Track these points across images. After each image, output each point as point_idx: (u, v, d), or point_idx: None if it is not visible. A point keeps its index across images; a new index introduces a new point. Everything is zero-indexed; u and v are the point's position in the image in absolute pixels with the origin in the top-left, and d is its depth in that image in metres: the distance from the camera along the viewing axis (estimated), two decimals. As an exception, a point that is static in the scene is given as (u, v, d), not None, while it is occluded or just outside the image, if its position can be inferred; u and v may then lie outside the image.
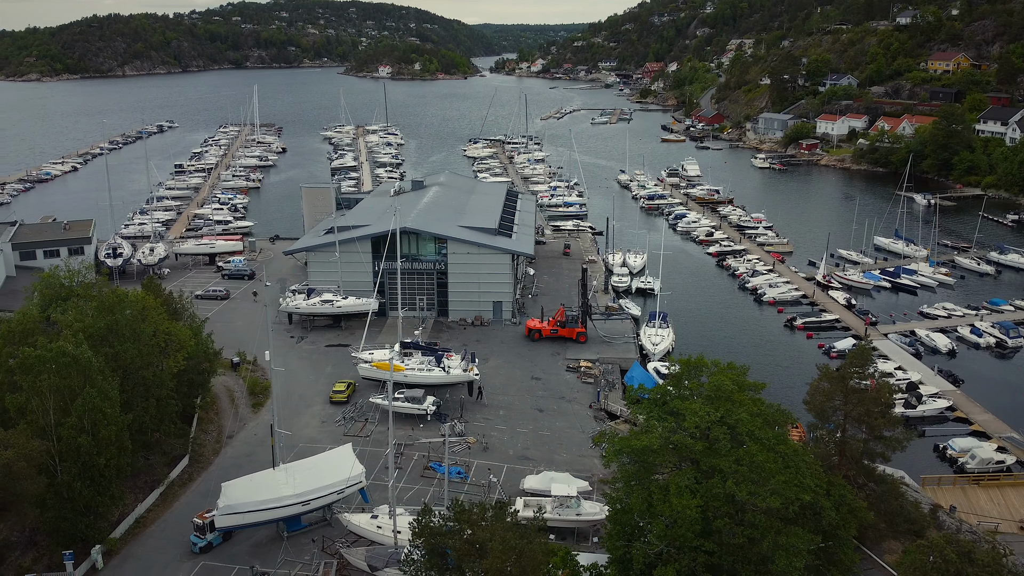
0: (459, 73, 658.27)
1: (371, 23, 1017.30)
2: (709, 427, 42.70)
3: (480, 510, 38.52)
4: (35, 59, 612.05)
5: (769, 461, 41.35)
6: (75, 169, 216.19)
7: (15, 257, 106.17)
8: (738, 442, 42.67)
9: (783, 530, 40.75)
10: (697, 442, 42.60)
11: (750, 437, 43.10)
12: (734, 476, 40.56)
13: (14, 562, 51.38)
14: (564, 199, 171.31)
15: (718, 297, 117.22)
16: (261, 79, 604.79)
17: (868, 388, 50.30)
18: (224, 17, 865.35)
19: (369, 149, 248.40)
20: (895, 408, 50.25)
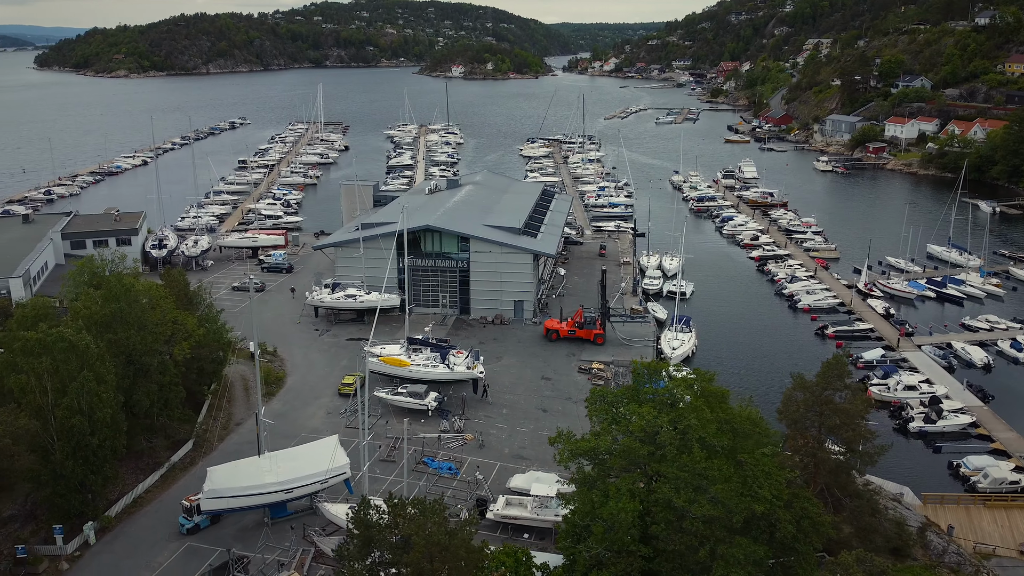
0: (531, 72, 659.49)
1: (448, 23, 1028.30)
2: (657, 431, 42.31)
3: (414, 505, 39.16)
4: (123, 56, 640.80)
5: (713, 468, 40.75)
6: (145, 163, 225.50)
7: (65, 246, 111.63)
8: (688, 448, 42.16)
9: (726, 540, 40.11)
10: (643, 446, 42.29)
11: (700, 443, 42.56)
12: (675, 482, 40.14)
13: (13, 534, 54.45)
14: (610, 199, 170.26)
15: (752, 302, 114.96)
16: (337, 78, 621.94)
17: (844, 399, 48.86)
18: (306, 17, 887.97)
19: (428, 148, 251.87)
20: (869, 420, 48.57)
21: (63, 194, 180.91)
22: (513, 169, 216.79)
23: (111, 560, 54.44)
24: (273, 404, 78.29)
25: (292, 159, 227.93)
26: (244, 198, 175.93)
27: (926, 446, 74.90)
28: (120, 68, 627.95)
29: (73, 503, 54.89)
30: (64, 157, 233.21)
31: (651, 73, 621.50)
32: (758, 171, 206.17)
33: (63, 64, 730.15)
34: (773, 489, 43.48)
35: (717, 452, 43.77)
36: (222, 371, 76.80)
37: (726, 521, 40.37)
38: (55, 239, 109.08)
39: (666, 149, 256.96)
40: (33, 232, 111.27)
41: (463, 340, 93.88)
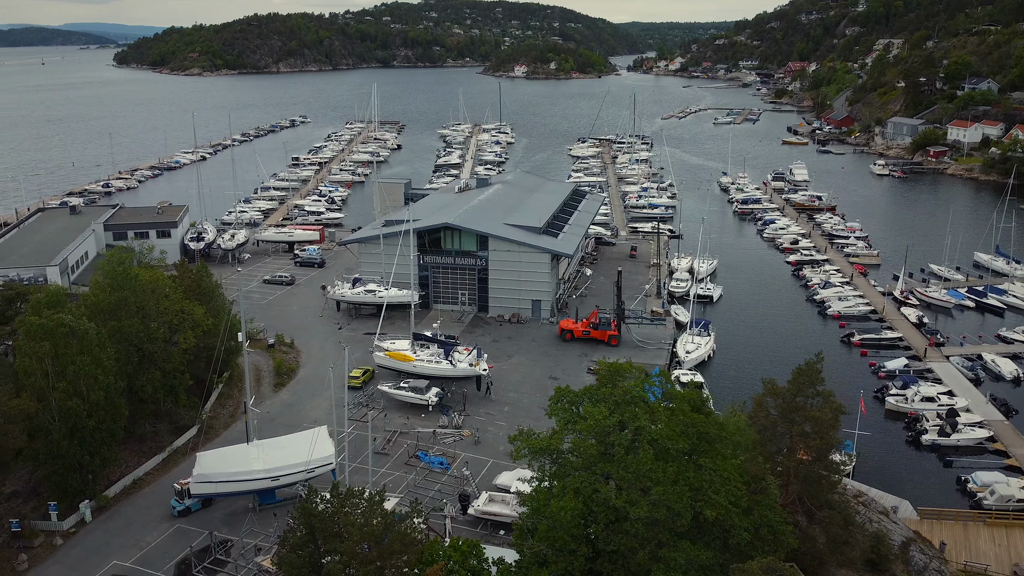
0: (594, 72, 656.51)
1: (516, 23, 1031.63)
2: (608, 431, 42.21)
3: (356, 496, 40.00)
4: (198, 55, 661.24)
5: (658, 470, 40.45)
6: (204, 159, 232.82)
7: (108, 237, 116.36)
8: (636, 449, 41.92)
9: (669, 543, 39.80)
10: (592, 446, 42.23)
11: (652, 444, 42.28)
12: (617, 482, 40.01)
13: (14, 509, 57.33)
14: (650, 200, 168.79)
15: (782, 307, 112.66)
16: (402, 78, 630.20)
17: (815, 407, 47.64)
18: (375, 17, 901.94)
19: (478, 147, 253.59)
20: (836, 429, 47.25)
21: (121, 187, 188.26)
22: (559, 169, 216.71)
23: (103, 538, 56.85)
24: (282, 394, 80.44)
25: (344, 157, 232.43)
26: (292, 194, 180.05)
27: (937, 460, 72.43)
28: (194, 66, 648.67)
29: (71, 482, 57.52)
30: (128, 151, 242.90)
31: (717, 73, 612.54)
32: (810, 174, 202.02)
33: (141, 62, 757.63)
34: (731, 495, 42.90)
35: (672, 455, 43.38)
36: (233, 361, 79.04)
37: (670, 524, 40.03)
38: (97, 230, 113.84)
39: (721, 150, 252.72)
40: (78, 223, 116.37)
41: (478, 338, 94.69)
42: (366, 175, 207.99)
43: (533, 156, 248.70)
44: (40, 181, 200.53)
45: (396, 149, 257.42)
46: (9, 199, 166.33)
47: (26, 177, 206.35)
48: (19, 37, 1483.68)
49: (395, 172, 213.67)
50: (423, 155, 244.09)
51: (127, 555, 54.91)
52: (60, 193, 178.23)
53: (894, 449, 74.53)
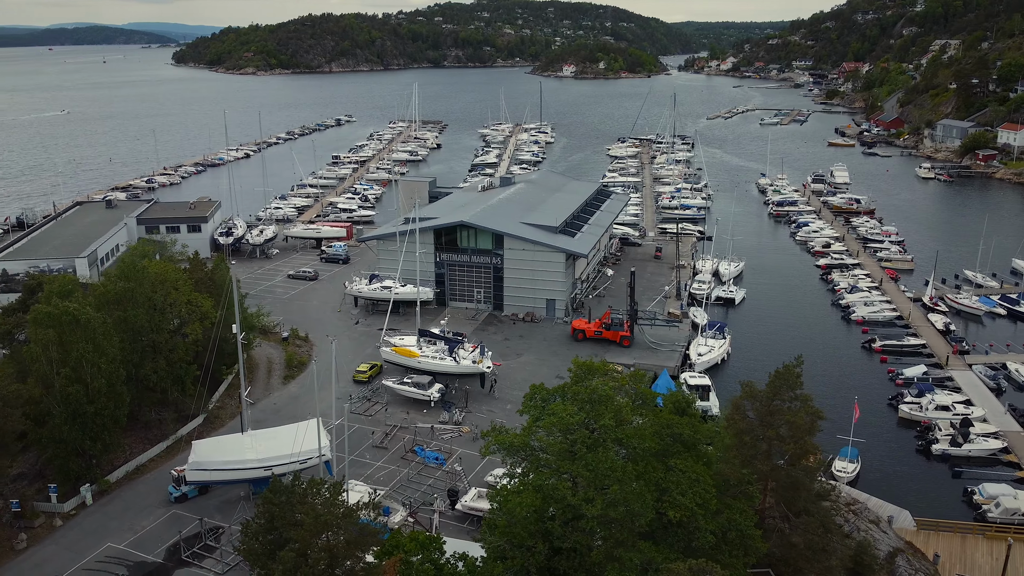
0: (644, 72, 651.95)
1: (567, 22, 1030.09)
2: (573, 429, 42.17)
3: (319, 485, 40.69)
4: (253, 54, 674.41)
5: (619, 469, 40.30)
6: (247, 156, 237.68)
7: (140, 231, 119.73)
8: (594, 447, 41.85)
9: (627, 542, 39.63)
10: (556, 443, 42.25)
11: (617, 443, 42.18)
12: (576, 480, 39.99)
13: (20, 490, 59.52)
14: (682, 201, 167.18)
15: (805, 311, 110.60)
16: (451, 78, 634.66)
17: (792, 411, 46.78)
18: (427, 17, 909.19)
19: (516, 147, 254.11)
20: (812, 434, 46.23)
21: (163, 183, 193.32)
22: (595, 169, 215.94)
23: (101, 520, 58.69)
24: (290, 387, 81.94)
25: (384, 156, 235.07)
26: (328, 192, 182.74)
27: (946, 470, 70.47)
28: (248, 65, 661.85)
29: (72, 466, 59.52)
30: (175, 148, 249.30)
31: (769, 73, 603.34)
32: (852, 176, 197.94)
33: (198, 61, 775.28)
34: (698, 497, 42.56)
35: (639, 455, 43.24)
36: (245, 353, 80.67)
37: (628, 523, 39.87)
38: (129, 224, 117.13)
39: (763, 152, 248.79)
40: (112, 217, 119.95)
41: (491, 336, 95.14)
42: (403, 174, 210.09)
43: (571, 156, 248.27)
44: (88, 176, 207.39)
45: (435, 148, 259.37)
46: (60, 192, 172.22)
47: (74, 172, 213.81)
48: (84, 36, 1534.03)
49: (431, 171, 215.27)
50: (461, 154, 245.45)
51: (122, 538, 56.60)
52: (104, 188, 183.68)
53: (903, 458, 72.74)
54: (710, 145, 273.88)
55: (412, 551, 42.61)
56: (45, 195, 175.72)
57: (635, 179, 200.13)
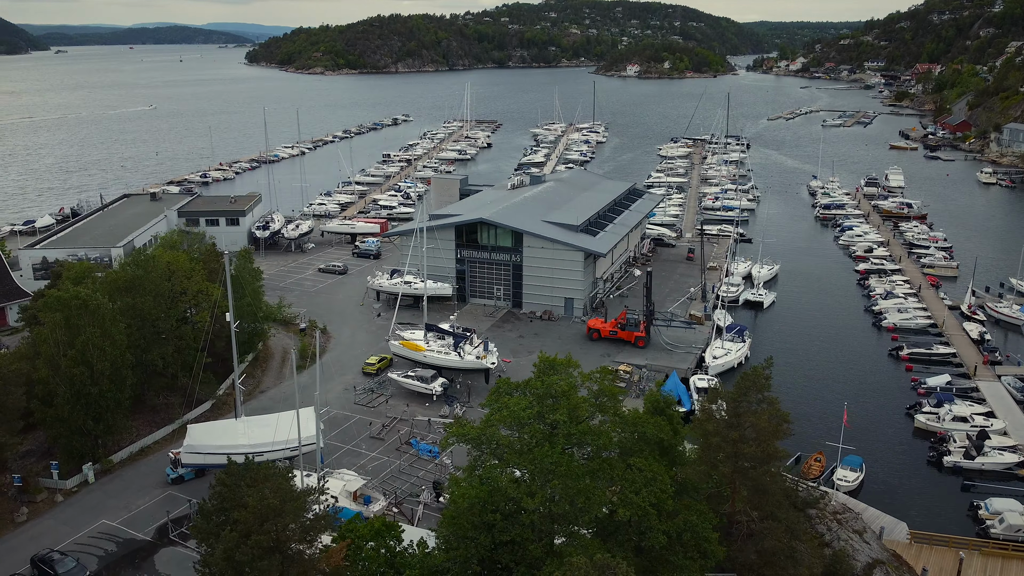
0: (709, 71, 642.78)
1: (635, 22, 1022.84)
2: (524, 423, 42.25)
3: (272, 470, 41.68)
4: (321, 54, 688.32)
5: (563, 464, 40.15)
6: (303, 153, 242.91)
7: (181, 223, 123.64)
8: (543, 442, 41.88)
9: (568, 534, 39.59)
10: (505, 437, 42.36)
11: (566, 439, 42.08)
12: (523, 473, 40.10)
13: (28, 466, 62.44)
14: (725, 203, 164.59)
15: (837, 317, 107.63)
16: (514, 78, 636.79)
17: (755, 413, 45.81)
18: (493, 18, 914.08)
19: (566, 146, 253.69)
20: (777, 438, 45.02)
21: (218, 178, 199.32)
22: (643, 169, 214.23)
23: (100, 498, 61.06)
24: (301, 377, 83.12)
25: (433, 154, 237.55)
26: (373, 189, 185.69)
27: (956, 483, 67.87)
28: (317, 65, 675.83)
29: (76, 445, 62.08)
30: (235, 144, 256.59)
31: (840, 74, 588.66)
32: (908, 180, 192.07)
33: (270, 60, 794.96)
34: (652, 496, 42.13)
35: (593, 452, 43.08)
36: (258, 343, 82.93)
37: (572, 519, 39.77)
38: (170, 215, 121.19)
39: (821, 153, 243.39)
40: (155, 209, 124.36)
41: (506, 333, 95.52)
42: (449, 172, 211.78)
43: (620, 156, 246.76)
44: (147, 170, 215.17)
45: (486, 147, 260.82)
46: (117, 185, 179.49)
47: (135, 166, 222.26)
48: (164, 35, 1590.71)
49: (479, 170, 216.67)
50: (511, 153, 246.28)
51: (116, 516, 58.82)
52: (161, 182, 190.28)
53: (912, 469, 70.36)
54: (767, 146, 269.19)
55: (367, 537, 43.35)
56: (105, 187, 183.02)
57: (682, 179, 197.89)
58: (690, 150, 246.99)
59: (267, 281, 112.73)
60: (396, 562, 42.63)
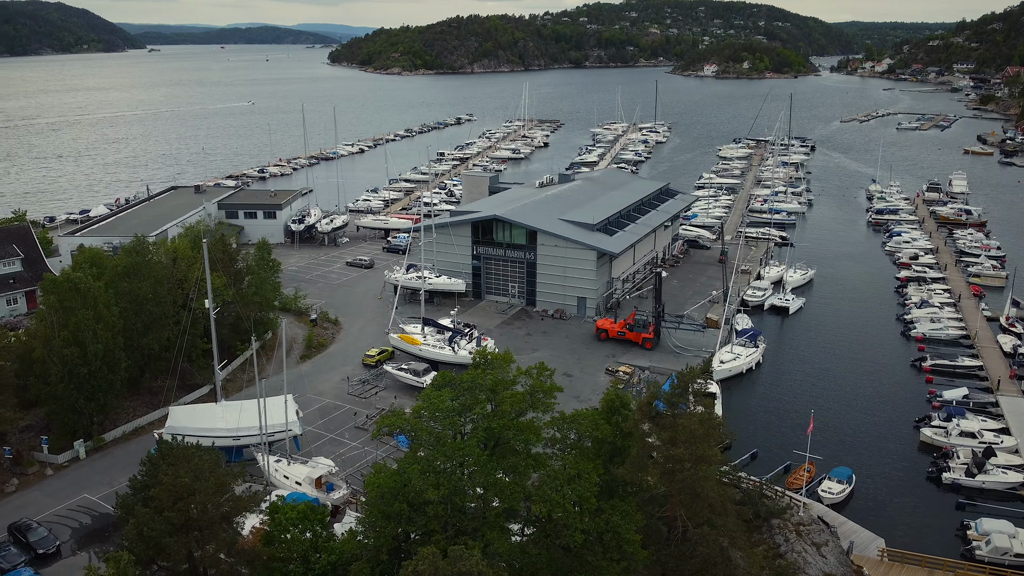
0: (790, 72, 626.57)
1: (718, 21, 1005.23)
2: (444, 415, 42.35)
3: (195, 450, 42.94)
4: (399, 55, 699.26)
5: (472, 457, 40.08)
6: (362, 151, 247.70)
7: (221, 215, 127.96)
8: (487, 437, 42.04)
9: (471, 531, 39.50)
10: (424, 428, 42.52)
11: (488, 433, 42.07)
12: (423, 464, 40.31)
13: (26, 440, 65.78)
14: (772, 205, 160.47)
15: (866, 325, 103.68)
16: (588, 78, 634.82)
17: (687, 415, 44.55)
18: (572, 18, 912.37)
19: (623, 146, 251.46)
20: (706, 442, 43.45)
21: (275, 173, 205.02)
22: (696, 170, 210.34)
23: (87, 474, 63.82)
24: (303, 366, 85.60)
25: (488, 153, 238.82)
26: (422, 186, 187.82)
27: (952, 501, 64.60)
28: (395, 66, 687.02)
29: (68, 422, 65.01)
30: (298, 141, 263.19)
31: (927, 76, 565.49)
32: (974, 186, 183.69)
33: (351, 60, 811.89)
34: (574, 494, 41.69)
35: (514, 446, 42.92)
36: (264, 331, 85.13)
37: (479, 512, 39.69)
38: (209, 208, 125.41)
39: (888, 157, 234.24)
40: (197, 201, 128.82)
41: (515, 330, 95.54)
42: (499, 171, 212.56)
43: (677, 156, 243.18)
44: (214, 165, 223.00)
45: (543, 147, 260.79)
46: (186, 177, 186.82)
47: (200, 160, 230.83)
48: (255, 35, 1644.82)
49: (530, 169, 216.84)
50: (566, 153, 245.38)
51: (97, 491, 61.36)
52: (220, 175, 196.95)
53: (908, 484, 67.26)
54: (834, 149, 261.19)
55: (292, 520, 44.18)
56: (172, 179, 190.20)
57: (735, 181, 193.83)
58: (751, 151, 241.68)
59: (295, 273, 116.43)
60: (319, 546, 43.39)
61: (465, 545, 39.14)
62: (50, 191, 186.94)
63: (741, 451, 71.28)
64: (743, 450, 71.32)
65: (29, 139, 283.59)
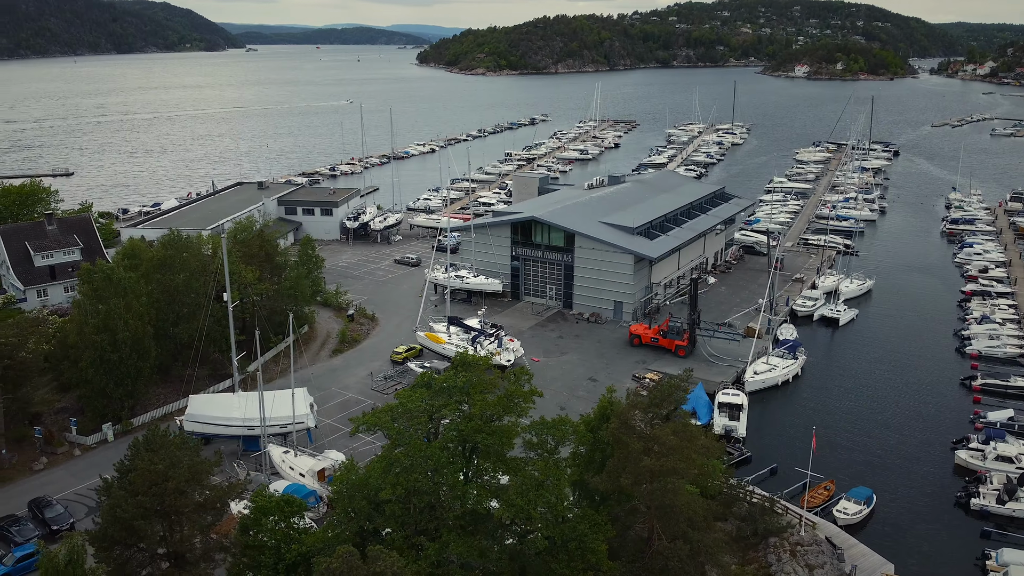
0: (886, 74, 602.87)
1: (814, 21, 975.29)
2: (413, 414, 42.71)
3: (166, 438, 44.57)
4: (484, 55, 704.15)
5: (433, 459, 40.23)
6: (432, 151, 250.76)
7: (280, 211, 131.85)
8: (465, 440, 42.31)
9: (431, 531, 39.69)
10: (393, 427, 42.94)
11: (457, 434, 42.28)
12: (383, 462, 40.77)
13: (59, 421, 69.41)
14: (840, 212, 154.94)
15: (920, 339, 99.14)
16: (675, 78, 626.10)
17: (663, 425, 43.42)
18: (661, 17, 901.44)
19: (696, 148, 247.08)
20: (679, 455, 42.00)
21: (345, 172, 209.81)
22: (768, 174, 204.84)
23: (111, 456, 65.60)
24: (334, 360, 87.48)
25: (555, 154, 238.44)
26: (484, 187, 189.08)
27: (977, 528, 61.13)
28: (479, 66, 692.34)
29: (97, 405, 68.23)
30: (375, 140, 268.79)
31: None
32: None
33: (438, 61, 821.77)
34: (541, 500, 41.47)
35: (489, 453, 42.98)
36: (298, 325, 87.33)
37: (438, 514, 39.85)
38: (268, 203, 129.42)
39: (978, 164, 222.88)
40: (258, 197, 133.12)
41: (547, 332, 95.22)
42: (563, 172, 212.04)
43: (752, 159, 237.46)
44: (289, 162, 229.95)
45: (613, 148, 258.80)
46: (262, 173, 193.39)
47: (278, 157, 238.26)
48: (351, 36, 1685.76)
49: (595, 170, 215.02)
50: (637, 154, 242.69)
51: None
52: (294, 172, 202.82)
53: (933, 508, 63.98)
54: (919, 154, 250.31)
55: (268, 510, 45.31)
56: (247, 175, 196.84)
57: (807, 186, 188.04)
58: (829, 155, 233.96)
59: (345, 269, 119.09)
60: (292, 536, 44.37)
61: (420, 546, 39.55)
62: (132, 184, 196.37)
63: (761, 465, 69.51)
64: (763, 464, 69.49)
65: (123, 134, 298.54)
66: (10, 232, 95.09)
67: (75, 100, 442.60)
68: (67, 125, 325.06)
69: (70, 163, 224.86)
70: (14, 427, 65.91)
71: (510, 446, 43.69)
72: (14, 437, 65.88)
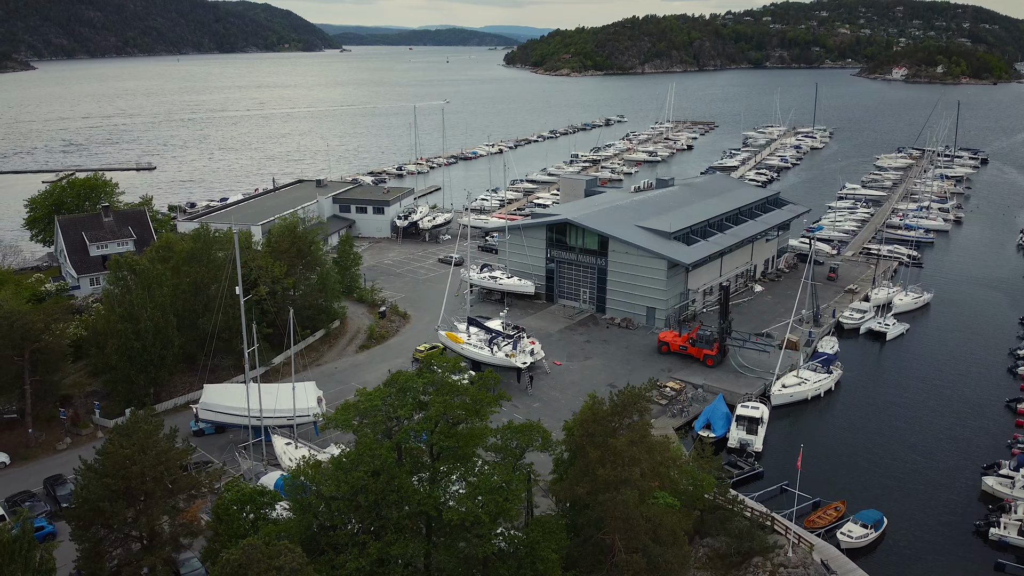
0: (989, 78, 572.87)
1: (917, 22, 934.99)
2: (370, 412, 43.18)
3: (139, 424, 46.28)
4: (570, 56, 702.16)
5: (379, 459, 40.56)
6: (500, 151, 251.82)
7: (335, 208, 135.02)
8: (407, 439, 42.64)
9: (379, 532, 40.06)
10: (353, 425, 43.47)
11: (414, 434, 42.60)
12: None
13: (85, 403, 72.96)
14: (908, 222, 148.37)
15: (972, 357, 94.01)
16: (765, 79, 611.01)
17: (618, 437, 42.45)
18: (755, 17, 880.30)
19: (770, 152, 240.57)
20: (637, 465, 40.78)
21: (412, 171, 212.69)
22: (852, 178, 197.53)
23: (132, 439, 69.79)
24: (360, 356, 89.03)
25: (624, 156, 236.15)
26: (543, 188, 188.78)
27: (992, 559, 57.62)
28: (564, 67, 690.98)
29: (122, 391, 71.42)
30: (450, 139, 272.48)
31: None
32: None
33: (524, 62, 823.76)
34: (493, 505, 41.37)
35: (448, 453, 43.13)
36: (328, 320, 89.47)
37: (385, 514, 40.19)
38: (322, 201, 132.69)
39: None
40: (313, 194, 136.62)
41: (575, 336, 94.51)
42: (628, 174, 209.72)
43: (829, 164, 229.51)
44: (361, 161, 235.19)
45: (686, 149, 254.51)
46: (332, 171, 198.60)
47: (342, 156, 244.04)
48: (444, 37, 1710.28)
49: (667, 171, 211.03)
50: (709, 156, 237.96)
51: (135, 455, 67.00)
52: (362, 171, 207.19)
53: (951, 536, 60.59)
54: (1011, 163, 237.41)
55: (237, 500, 46.61)
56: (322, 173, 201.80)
57: (880, 193, 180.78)
58: (911, 162, 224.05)
59: (389, 267, 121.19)
60: (258, 526, 45.53)
61: (363, 544, 39.97)
62: (208, 180, 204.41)
63: (773, 481, 67.30)
64: (776, 480, 67.26)
65: (210, 130, 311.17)
66: (69, 223, 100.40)
67: (170, 97, 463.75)
68: (158, 121, 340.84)
69: (154, 158, 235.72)
70: (44, 408, 69.61)
71: (471, 450, 43.60)
72: (44, 417, 69.59)
